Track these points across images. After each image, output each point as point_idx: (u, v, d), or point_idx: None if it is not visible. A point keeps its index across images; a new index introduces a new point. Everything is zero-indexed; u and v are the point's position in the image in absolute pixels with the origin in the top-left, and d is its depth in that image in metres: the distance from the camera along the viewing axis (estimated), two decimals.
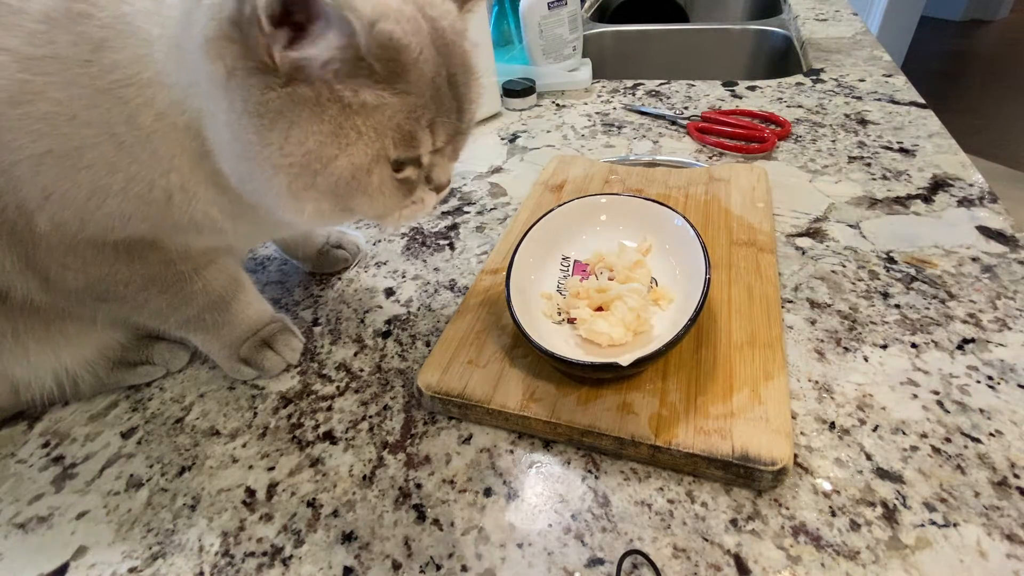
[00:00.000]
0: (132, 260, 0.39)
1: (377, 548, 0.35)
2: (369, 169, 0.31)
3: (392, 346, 0.49)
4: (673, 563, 0.33)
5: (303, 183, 0.30)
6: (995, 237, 0.53)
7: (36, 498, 0.41)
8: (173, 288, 0.42)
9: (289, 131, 0.28)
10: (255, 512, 0.38)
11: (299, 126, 0.28)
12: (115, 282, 0.39)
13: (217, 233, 0.39)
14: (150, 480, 0.41)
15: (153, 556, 0.36)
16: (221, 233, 0.39)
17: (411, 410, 0.43)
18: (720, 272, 0.49)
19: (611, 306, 0.44)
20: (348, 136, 0.29)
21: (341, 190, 0.31)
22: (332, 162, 0.30)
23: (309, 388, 0.46)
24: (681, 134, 0.76)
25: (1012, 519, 0.33)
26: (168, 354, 0.49)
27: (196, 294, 0.43)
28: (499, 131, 0.82)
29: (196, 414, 0.45)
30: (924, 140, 0.68)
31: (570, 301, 0.46)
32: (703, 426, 0.37)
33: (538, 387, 0.41)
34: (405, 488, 0.38)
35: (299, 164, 0.29)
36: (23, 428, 0.46)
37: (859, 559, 0.32)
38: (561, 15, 0.87)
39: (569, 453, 0.39)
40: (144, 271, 0.40)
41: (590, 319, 0.43)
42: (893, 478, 0.35)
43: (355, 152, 0.30)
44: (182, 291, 0.42)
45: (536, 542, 0.35)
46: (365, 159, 0.30)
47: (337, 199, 0.32)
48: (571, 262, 0.50)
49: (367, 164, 0.31)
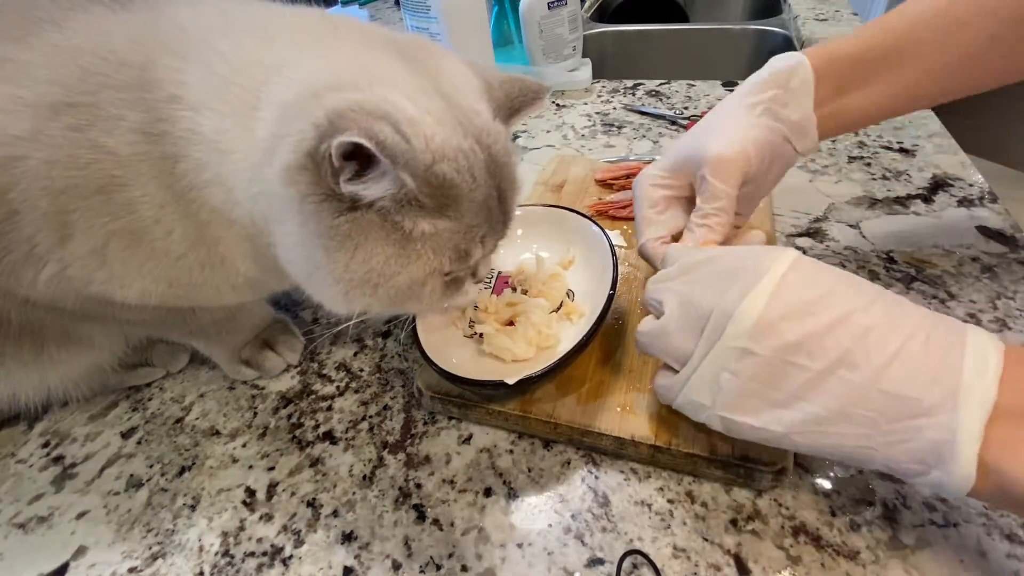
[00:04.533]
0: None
1: (377, 548, 0.35)
2: (425, 282, 0.33)
3: (392, 346, 0.49)
4: (673, 563, 0.33)
5: (361, 293, 0.32)
6: (995, 237, 0.53)
7: (36, 498, 0.41)
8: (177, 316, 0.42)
9: (355, 252, 0.30)
10: (255, 512, 0.38)
11: (364, 248, 0.30)
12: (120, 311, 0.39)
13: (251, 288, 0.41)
14: (150, 480, 0.41)
15: (153, 556, 0.36)
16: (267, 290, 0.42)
17: (411, 410, 0.43)
18: None
19: (517, 321, 0.44)
20: (409, 257, 0.32)
21: (396, 299, 0.34)
22: (393, 278, 0.32)
23: (309, 388, 0.46)
24: (681, 134, 0.76)
25: (1012, 519, 0.33)
26: (167, 355, 0.49)
27: (201, 317, 0.43)
28: None
29: (196, 414, 0.45)
30: (924, 140, 0.68)
31: (478, 315, 0.45)
32: (703, 426, 0.37)
33: (538, 387, 0.41)
34: (405, 488, 0.38)
35: (360, 280, 0.31)
36: (23, 428, 0.46)
37: (859, 559, 0.32)
38: (561, 15, 0.87)
39: (569, 453, 0.39)
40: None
41: (494, 334, 0.43)
42: (893, 478, 0.35)
43: (414, 270, 0.32)
44: (186, 317, 0.42)
45: (536, 542, 0.35)
46: (422, 274, 0.33)
47: (390, 304, 0.34)
48: (494, 274, 0.49)
49: (424, 278, 0.33)
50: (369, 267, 0.31)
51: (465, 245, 0.33)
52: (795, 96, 0.40)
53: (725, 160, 0.38)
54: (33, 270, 0.34)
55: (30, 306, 0.37)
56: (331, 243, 0.30)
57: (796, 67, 0.40)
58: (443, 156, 0.29)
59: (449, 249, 0.33)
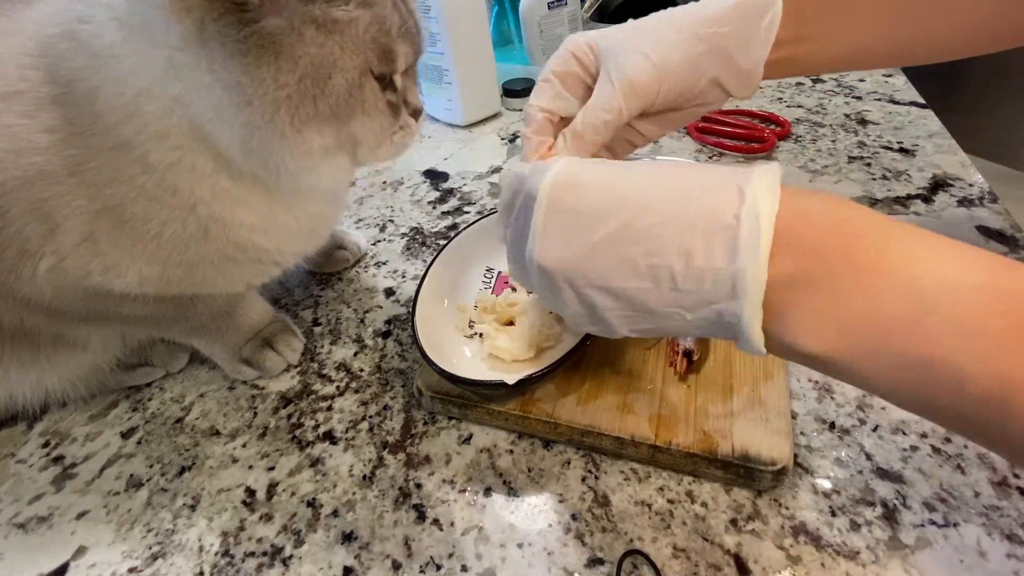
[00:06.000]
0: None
1: (377, 548, 0.35)
2: (360, 83, 0.32)
3: (392, 346, 0.49)
4: (673, 563, 0.33)
5: (305, 113, 0.31)
6: (995, 237, 0.53)
7: (36, 498, 0.41)
8: (177, 310, 0.42)
9: (277, 61, 0.29)
10: (255, 512, 0.38)
11: (285, 54, 0.29)
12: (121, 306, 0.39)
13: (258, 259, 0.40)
14: (150, 480, 0.41)
15: (153, 556, 0.36)
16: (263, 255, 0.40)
17: (411, 410, 0.43)
18: None
19: (517, 321, 0.44)
20: (333, 52, 0.31)
21: (341, 111, 0.33)
22: (327, 81, 0.31)
23: (309, 388, 0.46)
24: (681, 134, 0.76)
25: (1012, 519, 0.33)
26: (167, 355, 0.49)
27: (200, 312, 0.43)
28: (499, 131, 0.82)
29: (196, 414, 0.45)
30: (924, 140, 0.68)
31: (478, 315, 0.45)
32: (703, 426, 0.37)
33: (538, 387, 0.41)
34: (405, 488, 0.38)
35: (296, 92, 0.30)
36: (23, 428, 0.46)
37: (859, 559, 0.32)
38: (561, 15, 0.87)
39: (569, 453, 0.39)
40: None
41: (494, 334, 0.43)
42: (893, 478, 0.35)
43: (344, 66, 0.31)
44: (186, 310, 0.42)
45: (536, 542, 0.35)
46: (355, 72, 0.32)
47: (339, 124, 0.33)
48: (495, 274, 0.49)
49: (357, 78, 0.32)
50: (299, 72, 0.30)
51: (383, 39, 0.33)
52: (754, 40, 0.36)
53: (635, 78, 0.34)
54: (31, 265, 0.34)
55: (27, 309, 0.37)
56: (247, 61, 0.29)
57: (769, 4, 0.35)
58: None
59: (369, 42, 0.32)
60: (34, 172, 0.31)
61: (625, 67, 0.34)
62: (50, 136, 0.31)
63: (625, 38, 0.36)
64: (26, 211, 0.32)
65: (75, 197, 0.32)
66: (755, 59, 0.36)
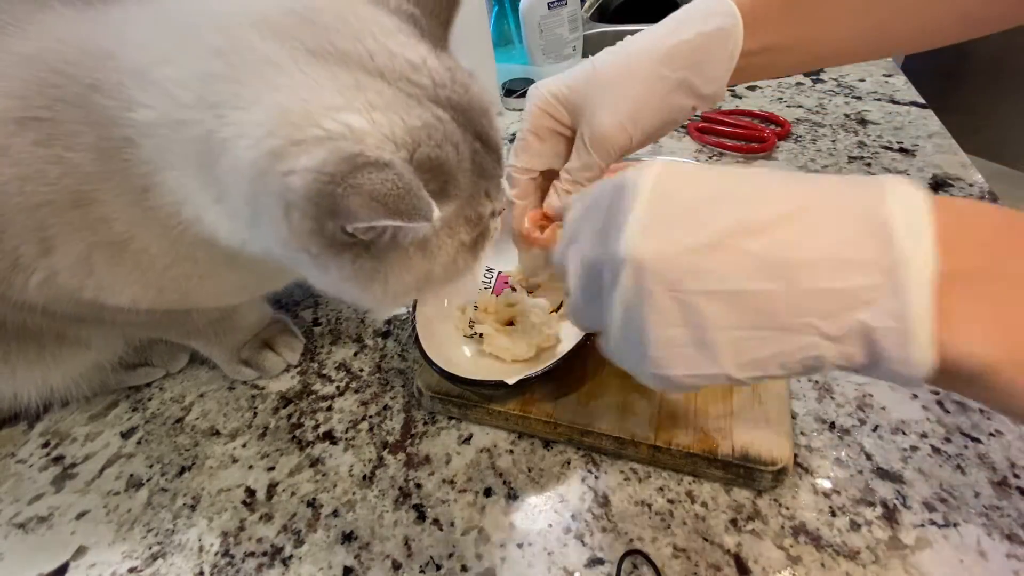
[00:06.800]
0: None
1: (377, 548, 0.35)
2: (455, 260, 0.33)
3: (392, 346, 0.49)
4: (673, 563, 0.33)
5: (406, 299, 0.35)
6: None
7: (36, 498, 0.41)
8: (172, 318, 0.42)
9: (387, 280, 0.30)
10: (255, 512, 0.38)
11: (394, 272, 0.30)
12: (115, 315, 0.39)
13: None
14: (150, 480, 0.41)
15: (153, 556, 0.36)
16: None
17: (411, 410, 0.43)
18: None
19: (517, 321, 0.44)
20: (434, 252, 0.31)
21: (439, 287, 0.34)
22: (429, 277, 0.32)
23: (309, 388, 0.46)
24: (681, 134, 0.76)
25: (1012, 519, 0.33)
26: (167, 355, 0.49)
27: (197, 319, 0.43)
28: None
29: (196, 414, 0.45)
30: (924, 140, 0.68)
31: (478, 316, 0.45)
32: (703, 426, 0.37)
33: (538, 387, 0.41)
34: (405, 488, 0.38)
35: (402, 292, 0.32)
36: (23, 428, 0.46)
37: (859, 559, 0.32)
38: (561, 15, 0.87)
39: (569, 453, 0.39)
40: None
41: (494, 334, 0.43)
42: (893, 478, 0.35)
43: (443, 257, 0.32)
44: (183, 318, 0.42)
45: (536, 542, 0.35)
46: (450, 258, 0.32)
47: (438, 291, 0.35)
48: (494, 274, 0.49)
49: (452, 258, 0.33)
50: (404, 282, 0.31)
51: (474, 210, 0.32)
52: (718, 66, 0.36)
53: (608, 138, 0.36)
54: (23, 276, 0.33)
55: (26, 310, 0.37)
56: (360, 282, 0.30)
57: (730, 31, 0.35)
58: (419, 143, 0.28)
59: (462, 222, 0.32)
60: (39, 200, 0.31)
61: (595, 128, 0.36)
62: (60, 168, 0.30)
63: (592, 92, 0.37)
64: (23, 232, 0.31)
65: (77, 228, 0.32)
66: (719, 84, 0.37)
